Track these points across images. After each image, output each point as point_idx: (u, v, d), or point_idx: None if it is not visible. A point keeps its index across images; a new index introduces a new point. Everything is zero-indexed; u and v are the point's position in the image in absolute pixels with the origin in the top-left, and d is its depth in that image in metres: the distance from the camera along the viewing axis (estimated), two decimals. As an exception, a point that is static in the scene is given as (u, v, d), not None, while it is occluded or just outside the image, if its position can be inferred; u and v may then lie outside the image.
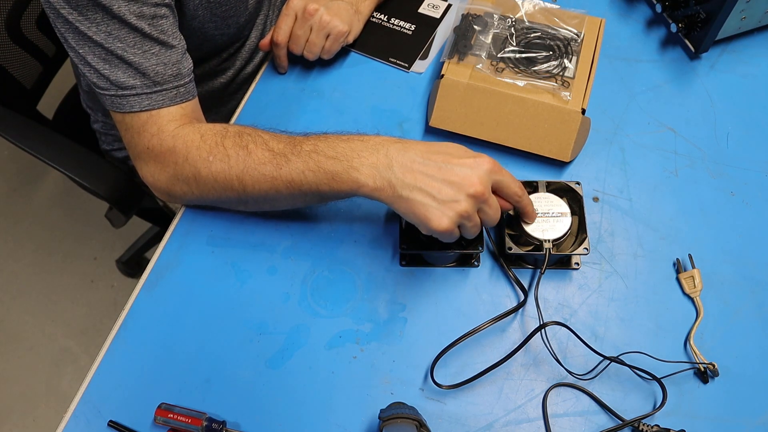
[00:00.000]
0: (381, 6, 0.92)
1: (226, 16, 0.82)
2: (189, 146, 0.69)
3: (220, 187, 0.69)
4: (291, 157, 0.65)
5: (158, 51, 0.69)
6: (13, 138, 0.91)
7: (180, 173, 0.70)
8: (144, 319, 0.70)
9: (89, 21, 0.65)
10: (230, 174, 0.67)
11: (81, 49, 0.67)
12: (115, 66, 0.68)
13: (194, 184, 0.70)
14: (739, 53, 0.87)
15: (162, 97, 0.70)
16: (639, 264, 0.72)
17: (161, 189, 0.73)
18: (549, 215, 0.68)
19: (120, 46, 0.67)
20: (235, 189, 0.68)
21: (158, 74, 0.69)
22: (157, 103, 0.70)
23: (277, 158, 0.65)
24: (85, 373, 0.67)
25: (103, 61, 0.68)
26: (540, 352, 0.67)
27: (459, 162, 0.60)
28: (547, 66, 0.78)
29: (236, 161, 0.67)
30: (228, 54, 0.92)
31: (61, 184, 1.80)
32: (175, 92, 0.71)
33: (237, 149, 0.67)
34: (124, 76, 0.68)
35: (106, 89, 0.69)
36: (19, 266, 1.69)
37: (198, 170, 0.69)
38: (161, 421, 0.63)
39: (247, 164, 0.66)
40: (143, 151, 0.71)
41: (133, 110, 0.70)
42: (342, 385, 0.66)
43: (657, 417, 0.63)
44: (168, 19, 0.70)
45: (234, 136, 0.68)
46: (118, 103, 0.70)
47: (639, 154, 0.79)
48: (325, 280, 0.72)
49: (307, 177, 0.64)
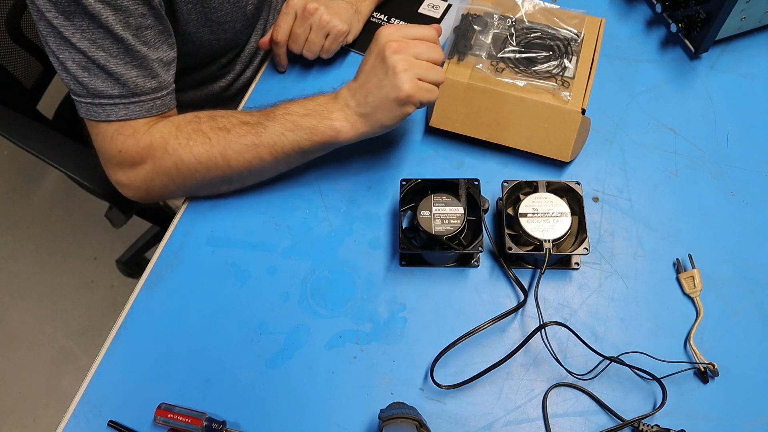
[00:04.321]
0: (381, 6, 0.92)
1: (222, 22, 0.81)
2: (166, 137, 0.70)
3: (204, 168, 0.70)
4: (267, 123, 0.70)
5: (140, 63, 0.68)
6: (13, 137, 0.91)
7: (160, 166, 0.70)
8: (144, 319, 0.70)
9: (74, 27, 0.64)
10: (213, 153, 0.69)
11: (61, 54, 0.66)
12: (95, 75, 0.67)
13: (176, 174, 0.71)
14: (739, 53, 0.87)
15: (139, 108, 0.70)
16: (639, 264, 0.72)
17: (138, 188, 0.73)
18: (549, 215, 0.68)
19: (102, 56, 0.66)
20: (219, 167, 0.70)
21: (138, 86, 0.69)
22: (134, 114, 0.70)
23: (256, 128, 0.69)
24: (85, 373, 0.67)
25: (82, 68, 0.67)
26: (540, 352, 0.67)
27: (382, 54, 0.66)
28: (547, 66, 0.78)
29: (217, 141, 0.69)
30: (227, 60, 0.91)
31: (61, 184, 1.80)
32: (152, 104, 0.71)
33: (215, 131, 0.70)
34: (102, 86, 0.67)
35: (82, 96, 0.69)
36: (19, 266, 1.69)
37: (180, 157, 0.69)
38: (161, 421, 0.63)
39: (228, 140, 0.69)
40: (115, 155, 0.71)
41: (108, 119, 0.69)
42: (342, 385, 0.66)
43: (657, 417, 0.63)
44: (153, 29, 0.69)
45: (209, 120, 0.71)
46: (93, 111, 0.69)
47: (639, 154, 0.79)
48: (325, 280, 0.72)
49: (287, 137, 0.69)
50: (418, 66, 0.66)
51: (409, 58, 0.65)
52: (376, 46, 0.67)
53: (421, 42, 0.67)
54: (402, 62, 0.65)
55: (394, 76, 0.65)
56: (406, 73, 0.64)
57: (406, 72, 0.65)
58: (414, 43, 0.67)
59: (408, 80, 0.64)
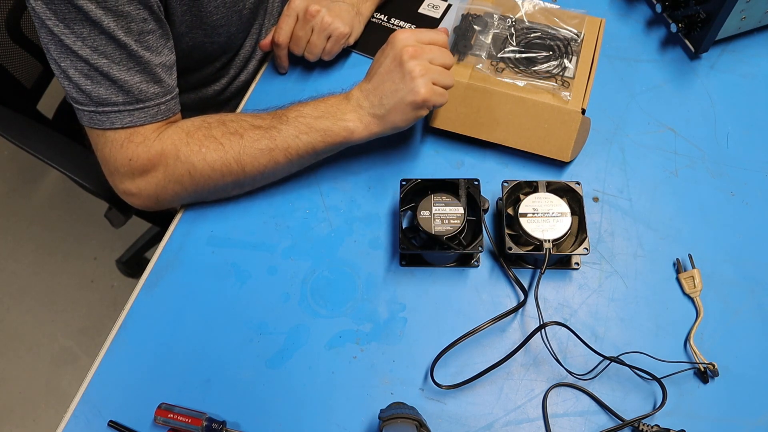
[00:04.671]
0: (381, 6, 0.92)
1: (217, 25, 0.81)
2: (178, 145, 0.69)
3: (218, 175, 0.70)
4: (281, 126, 0.70)
5: (143, 68, 0.68)
6: (13, 137, 0.91)
7: (172, 174, 0.70)
8: (144, 319, 0.70)
9: (75, 35, 0.63)
10: (227, 159, 0.69)
11: (63, 63, 0.65)
12: (98, 82, 0.66)
13: (188, 181, 0.70)
14: (739, 53, 0.87)
15: (144, 114, 0.69)
16: (639, 264, 0.72)
17: (149, 197, 0.72)
18: (549, 215, 0.68)
19: (105, 63, 0.65)
20: (234, 172, 0.70)
21: (142, 92, 0.68)
22: (139, 120, 0.69)
23: (269, 132, 0.70)
24: (85, 373, 0.67)
25: (85, 76, 0.66)
26: (540, 352, 0.67)
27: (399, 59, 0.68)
28: (547, 66, 0.78)
29: (230, 146, 0.69)
30: (221, 63, 0.90)
31: (61, 184, 1.80)
32: (156, 110, 0.70)
33: (228, 136, 0.70)
34: (106, 93, 0.67)
35: (84, 105, 0.68)
36: (19, 266, 1.69)
37: (193, 165, 0.69)
38: (161, 421, 0.63)
39: (243, 145, 0.69)
40: (124, 163, 0.70)
41: (113, 126, 0.68)
42: (342, 385, 0.66)
43: (657, 417, 0.63)
44: (155, 33, 0.68)
45: (219, 125, 0.71)
46: (97, 119, 0.68)
47: (639, 154, 0.79)
48: (325, 280, 0.72)
49: (301, 140, 0.70)
50: (432, 71, 0.67)
51: (425, 63, 0.67)
52: (392, 50, 0.68)
53: (435, 47, 0.69)
54: (419, 67, 0.66)
55: (412, 80, 0.66)
56: (422, 78, 0.66)
57: (422, 77, 0.66)
58: (428, 48, 0.68)
59: (424, 85, 0.66)
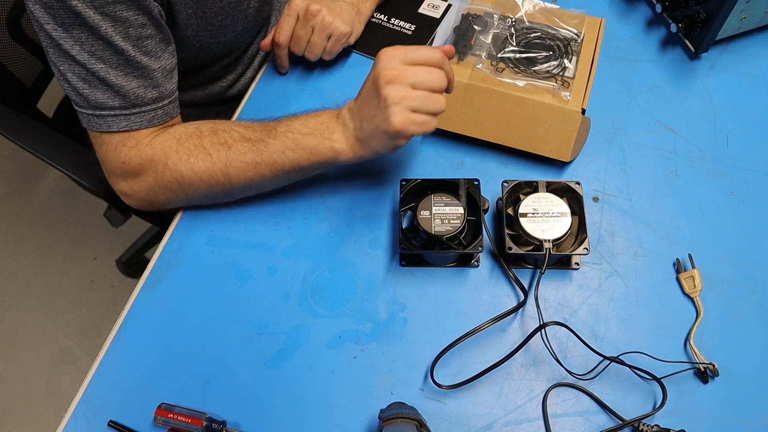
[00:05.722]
0: (381, 6, 0.92)
1: (222, 25, 0.81)
2: (167, 152, 0.69)
3: (206, 185, 0.70)
4: (269, 140, 0.68)
5: (141, 73, 0.68)
6: (13, 136, 0.90)
7: (161, 180, 0.70)
8: (144, 319, 0.70)
9: (73, 39, 0.63)
10: (214, 170, 0.69)
11: (61, 66, 0.66)
12: (95, 87, 0.66)
13: (178, 188, 0.71)
14: (739, 53, 0.87)
15: (140, 119, 0.70)
16: (639, 264, 0.72)
17: (142, 199, 0.73)
18: (549, 215, 0.68)
19: (102, 68, 0.65)
20: (220, 183, 0.70)
21: (138, 97, 0.68)
22: (135, 125, 0.69)
23: (257, 145, 0.69)
24: (85, 373, 0.67)
25: (83, 81, 0.66)
26: (540, 352, 0.67)
27: (377, 83, 0.63)
28: (547, 66, 0.78)
29: (218, 157, 0.69)
30: (228, 61, 0.91)
31: (61, 184, 1.80)
32: (153, 114, 0.70)
33: (216, 147, 0.69)
34: (103, 97, 0.67)
35: (83, 107, 0.68)
36: (19, 266, 1.69)
37: (180, 173, 0.69)
38: (161, 421, 0.63)
39: (230, 157, 0.69)
40: (118, 165, 0.71)
41: (110, 130, 0.69)
42: (342, 385, 0.66)
43: (657, 417, 0.63)
44: (154, 39, 0.68)
45: (210, 135, 0.70)
46: (95, 122, 0.69)
47: (639, 154, 0.79)
48: (325, 280, 0.72)
49: (288, 156, 0.68)
50: (412, 98, 0.61)
51: (404, 88, 0.61)
52: (373, 72, 0.63)
53: (422, 68, 0.62)
54: (394, 94, 0.61)
55: (385, 108, 0.61)
56: (396, 107, 0.61)
57: (397, 105, 0.61)
58: (413, 71, 0.62)
59: (397, 114, 0.61)
